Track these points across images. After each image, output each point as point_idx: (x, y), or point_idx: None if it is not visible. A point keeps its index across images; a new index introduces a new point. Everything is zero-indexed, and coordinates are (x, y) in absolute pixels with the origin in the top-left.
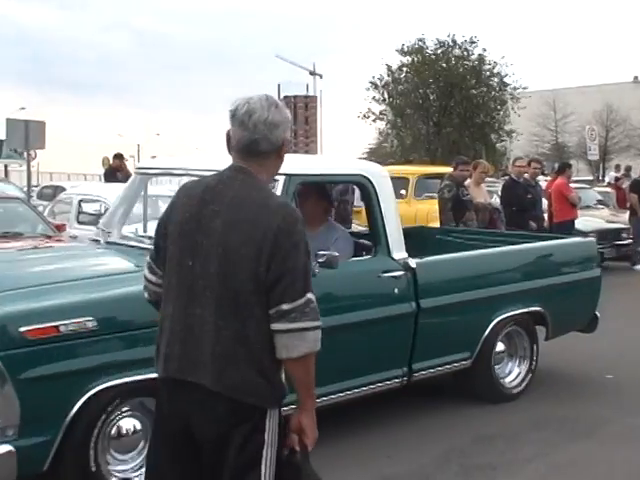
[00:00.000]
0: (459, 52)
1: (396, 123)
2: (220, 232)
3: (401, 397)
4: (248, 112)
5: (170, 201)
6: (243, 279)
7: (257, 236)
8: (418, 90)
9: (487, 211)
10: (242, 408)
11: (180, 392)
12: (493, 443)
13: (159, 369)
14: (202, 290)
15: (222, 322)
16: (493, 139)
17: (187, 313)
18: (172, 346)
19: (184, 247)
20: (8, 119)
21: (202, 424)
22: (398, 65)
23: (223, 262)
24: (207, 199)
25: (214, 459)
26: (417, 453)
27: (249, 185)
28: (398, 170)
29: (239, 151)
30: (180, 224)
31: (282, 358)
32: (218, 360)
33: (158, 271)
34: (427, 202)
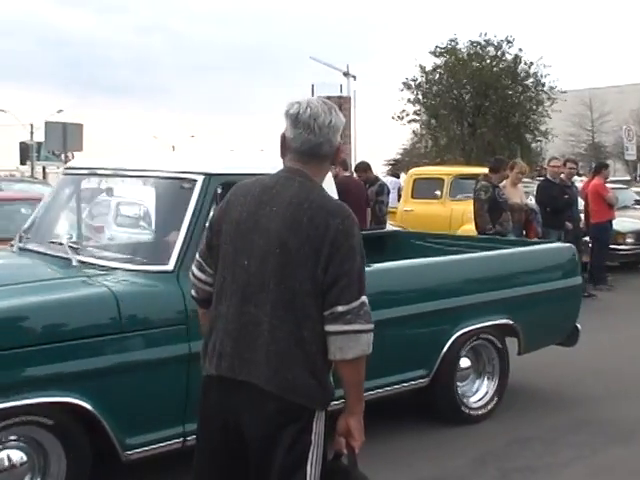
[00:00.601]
0: (494, 52)
1: (430, 124)
2: (278, 233)
3: None
4: (312, 115)
5: (224, 199)
6: (301, 280)
7: (316, 238)
8: (452, 91)
9: (522, 212)
10: (292, 409)
11: (231, 390)
12: (529, 446)
13: (209, 366)
14: (258, 290)
15: (277, 322)
16: (528, 139)
17: (242, 312)
18: (225, 344)
19: (240, 246)
20: (47, 122)
21: (251, 423)
22: (432, 66)
23: (281, 263)
24: (265, 200)
25: (261, 458)
26: (452, 455)
27: (307, 187)
28: (433, 171)
29: (301, 153)
30: (237, 223)
31: (335, 360)
32: (272, 360)
33: (208, 269)
34: (462, 203)
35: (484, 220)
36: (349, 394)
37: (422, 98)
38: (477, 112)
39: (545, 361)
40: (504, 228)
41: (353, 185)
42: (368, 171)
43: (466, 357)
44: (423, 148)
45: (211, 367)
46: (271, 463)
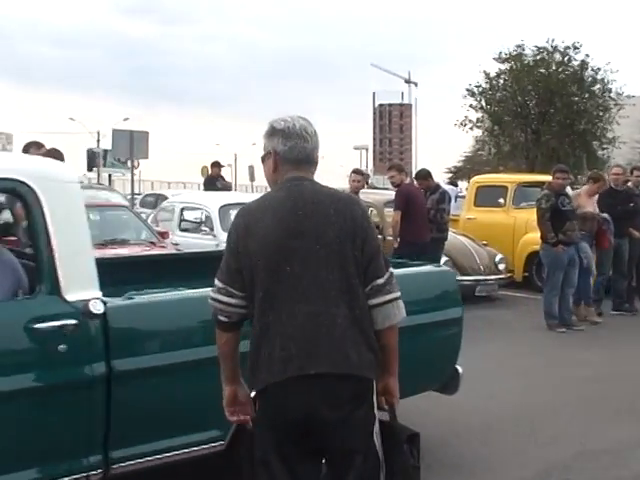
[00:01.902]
0: (560, 58)
1: (493, 131)
2: (316, 231)
3: (496, 411)
4: (302, 127)
5: (235, 224)
6: (345, 265)
7: (346, 227)
8: (516, 97)
9: (595, 221)
10: (362, 385)
11: (304, 387)
12: (596, 458)
13: (269, 376)
14: (307, 288)
15: (333, 309)
16: (595, 147)
17: (297, 313)
18: (287, 348)
19: (277, 256)
20: (114, 130)
21: (326, 410)
22: (496, 72)
23: (324, 257)
24: (288, 208)
25: (341, 441)
26: (518, 467)
27: (318, 186)
28: (496, 178)
29: (299, 162)
30: (265, 238)
31: (383, 328)
32: (336, 345)
33: (238, 292)
34: (526, 211)
35: (546, 229)
36: (390, 357)
37: (485, 105)
38: (542, 119)
39: (616, 371)
40: (568, 237)
41: (415, 193)
42: (429, 179)
43: None
44: (485, 155)
45: (272, 375)
46: (351, 443)
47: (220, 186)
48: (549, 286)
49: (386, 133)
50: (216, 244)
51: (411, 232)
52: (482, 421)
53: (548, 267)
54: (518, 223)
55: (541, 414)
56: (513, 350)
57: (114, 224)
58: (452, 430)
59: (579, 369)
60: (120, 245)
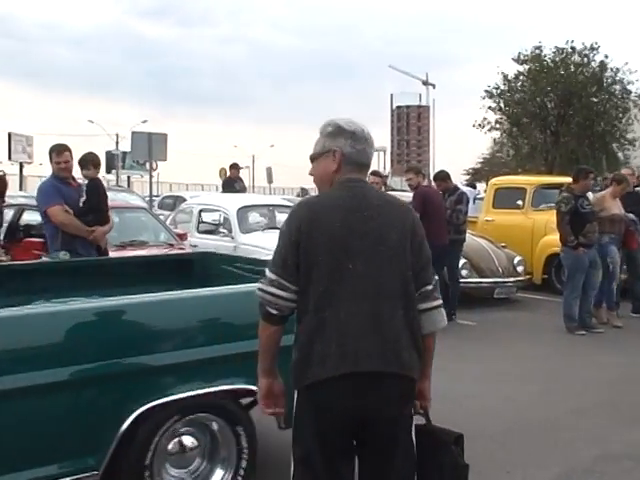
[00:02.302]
0: (579, 59)
1: (512, 132)
2: (379, 233)
3: (515, 414)
4: (369, 133)
5: (297, 217)
6: (404, 269)
7: (406, 232)
8: (535, 98)
9: (622, 223)
10: (410, 386)
11: (355, 384)
12: (618, 462)
13: (324, 369)
14: (368, 288)
15: (393, 311)
16: (614, 148)
17: (357, 311)
18: (344, 345)
19: (340, 254)
20: (133, 132)
21: (376, 408)
22: (514, 74)
23: (387, 258)
24: (352, 207)
25: (388, 438)
26: (537, 470)
27: (376, 191)
28: (515, 180)
29: (361, 165)
30: (330, 234)
31: (429, 332)
32: (395, 345)
33: (291, 286)
34: (545, 213)
35: (566, 232)
36: (428, 362)
37: (504, 106)
38: (561, 120)
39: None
40: (589, 240)
41: (433, 195)
42: (447, 180)
43: (188, 435)
44: (504, 157)
45: (325, 371)
46: (396, 441)
47: (238, 188)
48: (569, 288)
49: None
50: (234, 246)
51: (429, 234)
52: (501, 424)
53: (569, 270)
54: (537, 225)
55: (561, 417)
56: (532, 352)
57: (133, 226)
58: (470, 433)
59: (599, 372)
60: (139, 247)
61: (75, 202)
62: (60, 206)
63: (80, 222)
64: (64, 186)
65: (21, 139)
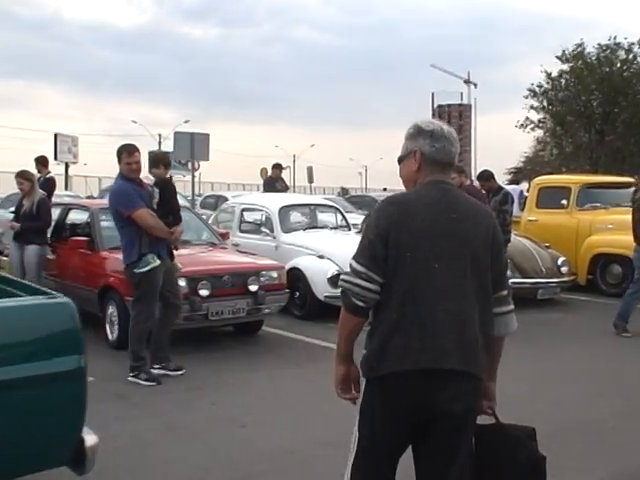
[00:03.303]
0: (624, 55)
1: (556, 131)
2: (465, 236)
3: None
4: (449, 131)
5: (387, 212)
6: (484, 272)
7: (488, 237)
8: (580, 97)
9: None
10: (479, 387)
11: (432, 380)
12: None
13: (401, 362)
14: (451, 287)
15: (471, 312)
16: None
17: (440, 310)
18: (424, 340)
19: (428, 252)
20: (176, 132)
21: (449, 405)
22: (558, 72)
23: (473, 262)
24: (441, 209)
25: (457, 434)
26: (582, 475)
27: (462, 195)
28: (559, 179)
29: (444, 165)
30: (419, 232)
31: (500, 335)
32: (472, 346)
33: (378, 279)
34: (590, 213)
35: None
36: (496, 364)
37: (547, 105)
38: (606, 118)
39: None
40: None
41: (477, 195)
42: (491, 180)
43: None
44: (547, 156)
45: (402, 364)
46: (461, 439)
47: (279, 187)
48: (635, 288)
49: None
50: (275, 245)
51: None
52: (546, 427)
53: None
54: (582, 225)
55: (607, 420)
56: (578, 354)
57: None
58: None
59: None
60: (182, 246)
61: (148, 204)
62: (145, 209)
63: (163, 224)
64: (139, 188)
65: (66, 139)
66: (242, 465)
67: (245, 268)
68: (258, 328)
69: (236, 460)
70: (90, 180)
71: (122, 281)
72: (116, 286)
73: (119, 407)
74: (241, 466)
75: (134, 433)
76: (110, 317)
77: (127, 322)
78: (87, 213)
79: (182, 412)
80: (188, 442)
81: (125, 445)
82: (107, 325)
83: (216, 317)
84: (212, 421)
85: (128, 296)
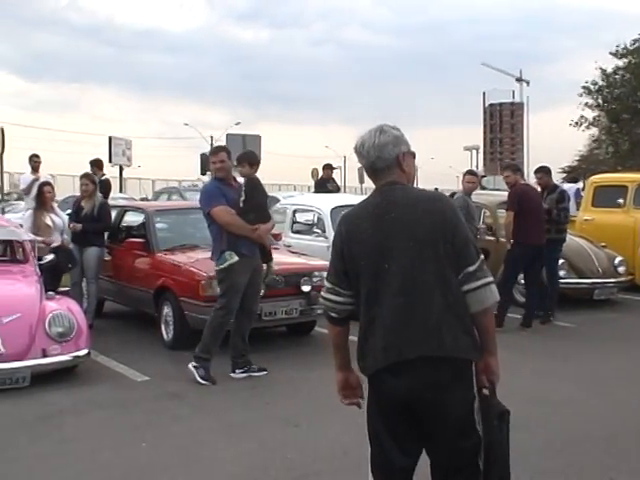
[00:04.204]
0: None
1: (611, 129)
2: (407, 230)
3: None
4: (362, 143)
5: (339, 231)
6: (437, 258)
7: (435, 222)
8: (636, 93)
9: None
10: (459, 366)
11: (405, 371)
12: None
13: (374, 363)
14: (403, 283)
15: (427, 299)
16: None
17: (395, 305)
18: (388, 337)
19: (376, 256)
20: (228, 134)
21: (427, 392)
22: (613, 68)
23: (417, 252)
24: (379, 213)
25: (439, 421)
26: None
27: (406, 189)
28: (615, 178)
29: (372, 170)
30: (365, 241)
31: (477, 311)
32: (432, 330)
33: (345, 291)
34: None
35: None
36: (487, 338)
37: (602, 102)
38: None
39: None
40: None
41: (530, 194)
42: (550, 175)
43: None
44: (602, 154)
45: (377, 362)
46: (453, 423)
47: (331, 188)
48: None
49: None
50: (327, 245)
51: (524, 234)
52: (604, 428)
53: None
54: (639, 224)
55: None
56: (635, 355)
57: None
58: (572, 437)
59: None
60: None
61: (236, 202)
62: (223, 206)
63: (243, 221)
64: (225, 187)
65: (121, 143)
66: (297, 465)
67: (298, 269)
68: (311, 328)
69: (291, 460)
70: (144, 182)
71: (177, 282)
72: (171, 287)
73: (175, 406)
74: (296, 466)
75: (189, 432)
76: (165, 317)
77: (182, 322)
78: (142, 215)
79: (237, 411)
80: (244, 441)
81: (181, 444)
82: (162, 325)
83: (269, 317)
84: (266, 420)
85: (183, 296)
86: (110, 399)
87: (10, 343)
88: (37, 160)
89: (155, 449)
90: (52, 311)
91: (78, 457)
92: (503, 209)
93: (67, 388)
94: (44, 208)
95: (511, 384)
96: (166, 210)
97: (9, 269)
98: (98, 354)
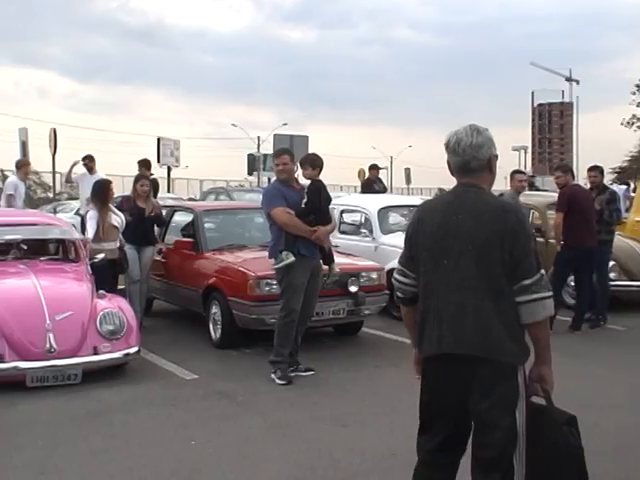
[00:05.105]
0: None
1: None
2: (469, 234)
3: None
4: (457, 141)
5: (413, 218)
6: (492, 265)
7: (498, 231)
8: None
9: None
10: (501, 370)
11: (453, 363)
12: None
13: (429, 348)
14: (458, 282)
15: (479, 302)
16: None
17: (450, 301)
18: (442, 329)
19: (437, 251)
20: (275, 134)
21: (467, 386)
22: None
23: (478, 257)
24: (450, 212)
25: (476, 414)
26: None
27: (480, 194)
28: None
29: (456, 172)
30: (431, 234)
31: (528, 323)
32: (479, 332)
33: (411, 274)
34: None
35: None
36: (538, 348)
37: None
38: None
39: None
40: None
41: (580, 195)
42: (603, 174)
43: None
44: None
45: (432, 348)
46: (490, 418)
47: (378, 188)
48: None
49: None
50: (375, 246)
51: (574, 235)
52: None
53: None
54: None
55: None
56: None
57: None
58: (621, 444)
59: None
60: None
61: (297, 204)
62: (282, 207)
63: (302, 222)
64: (287, 189)
65: (169, 143)
66: (345, 465)
67: (345, 269)
68: (358, 329)
69: (339, 460)
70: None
71: (225, 281)
72: (219, 286)
73: (223, 405)
74: (344, 466)
75: (238, 431)
76: (213, 317)
77: (230, 321)
78: (191, 215)
79: (285, 411)
80: (291, 441)
81: (229, 442)
82: (210, 324)
83: (317, 317)
84: (314, 420)
85: (231, 296)
86: (159, 397)
87: (63, 340)
88: (89, 161)
89: (204, 447)
90: (103, 309)
91: (128, 453)
92: (552, 210)
93: (117, 385)
94: (109, 208)
95: (560, 388)
96: (215, 210)
97: (62, 268)
98: (148, 352)
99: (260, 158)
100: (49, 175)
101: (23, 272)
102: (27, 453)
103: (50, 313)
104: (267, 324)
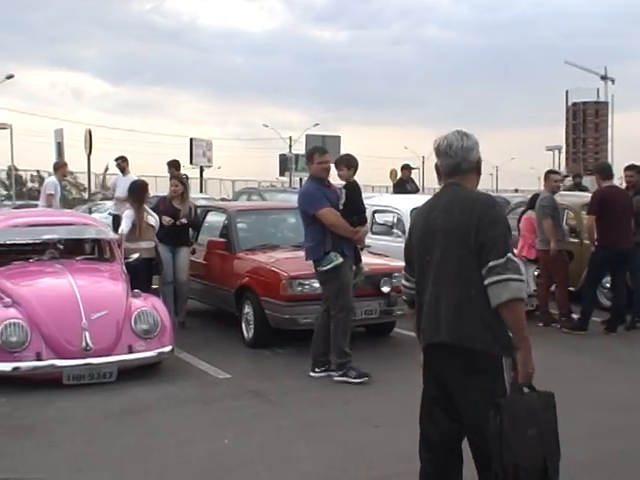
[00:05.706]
0: None
1: None
2: (443, 228)
3: None
4: (448, 145)
5: (410, 224)
6: (462, 253)
7: (465, 220)
8: None
9: None
10: (476, 358)
11: (434, 352)
12: None
13: (422, 340)
14: (436, 273)
15: (451, 290)
16: None
17: (430, 294)
18: (425, 321)
19: (423, 249)
20: (307, 135)
21: (447, 374)
22: None
23: (445, 246)
24: (430, 211)
25: (460, 403)
26: None
27: (456, 189)
28: None
29: (446, 173)
30: (417, 236)
31: (494, 305)
32: (454, 321)
33: (411, 277)
34: None
35: None
36: (513, 333)
37: None
38: None
39: None
40: None
41: (614, 196)
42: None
43: None
44: None
45: (422, 341)
46: (472, 408)
47: (410, 189)
48: None
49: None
50: None
51: (607, 237)
52: None
53: None
54: None
55: None
56: None
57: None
58: None
59: None
60: None
61: (335, 204)
62: (329, 208)
63: (347, 223)
64: (324, 188)
65: (201, 144)
66: (377, 465)
67: (377, 270)
68: (390, 329)
69: (371, 460)
70: (224, 183)
71: (258, 281)
72: (252, 286)
73: (255, 404)
74: (376, 466)
75: (270, 430)
76: (246, 316)
77: (263, 321)
78: (224, 215)
79: (316, 410)
80: (323, 440)
81: (262, 441)
82: (243, 324)
83: None
84: (346, 420)
85: (264, 296)
86: (193, 395)
87: (98, 339)
88: (122, 162)
89: (237, 446)
90: (138, 308)
91: (162, 451)
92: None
93: (152, 384)
94: (144, 208)
95: (594, 390)
96: (247, 210)
97: (97, 267)
98: (181, 351)
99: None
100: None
101: (60, 271)
102: (63, 450)
103: (86, 312)
104: (300, 324)
